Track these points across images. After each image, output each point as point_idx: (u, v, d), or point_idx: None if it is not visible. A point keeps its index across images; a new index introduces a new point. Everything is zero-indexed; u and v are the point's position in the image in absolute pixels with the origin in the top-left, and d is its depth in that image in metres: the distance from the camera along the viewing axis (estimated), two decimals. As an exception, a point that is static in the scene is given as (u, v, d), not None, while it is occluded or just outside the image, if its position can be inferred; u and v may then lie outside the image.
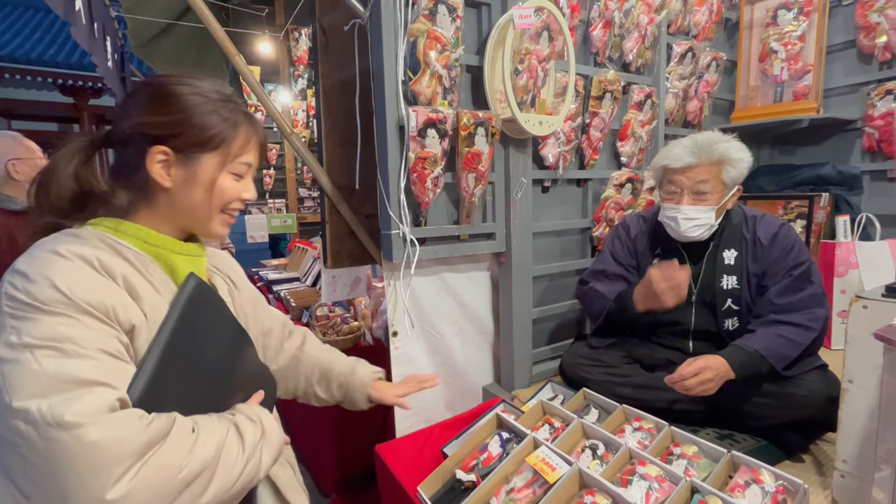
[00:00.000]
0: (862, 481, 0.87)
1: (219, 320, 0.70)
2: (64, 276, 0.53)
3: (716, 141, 1.19)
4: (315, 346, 1.02)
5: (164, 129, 0.63)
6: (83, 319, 0.52)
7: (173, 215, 0.67)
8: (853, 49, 1.93)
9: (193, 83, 0.66)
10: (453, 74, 1.27)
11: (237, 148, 0.68)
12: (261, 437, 0.63)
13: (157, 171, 0.63)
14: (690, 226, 1.22)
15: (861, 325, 0.84)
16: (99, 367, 0.51)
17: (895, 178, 1.87)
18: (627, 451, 0.97)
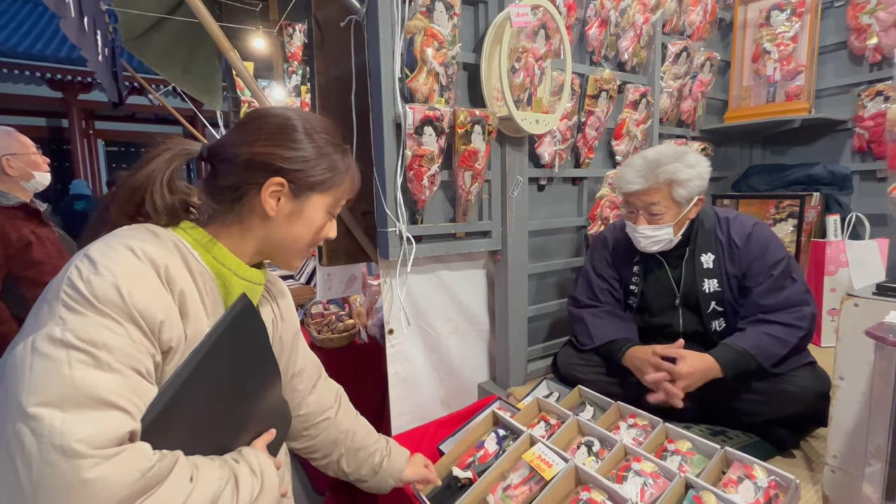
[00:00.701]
0: (852, 476, 0.89)
1: (256, 348, 0.69)
2: (128, 277, 0.53)
3: (664, 162, 1.18)
4: (350, 410, 0.96)
5: (291, 163, 0.65)
6: (129, 328, 0.51)
7: (261, 242, 0.68)
8: (844, 50, 1.96)
9: (317, 124, 0.69)
10: (450, 72, 1.27)
11: (342, 192, 0.72)
12: (258, 493, 0.61)
13: (267, 200, 0.65)
14: (648, 243, 1.25)
15: (852, 323, 0.86)
16: (124, 387, 0.50)
17: (884, 178, 1.89)
18: (622, 447, 0.98)
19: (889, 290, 0.85)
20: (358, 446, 0.92)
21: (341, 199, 0.72)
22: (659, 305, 1.32)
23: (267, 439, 0.70)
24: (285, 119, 0.67)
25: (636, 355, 1.23)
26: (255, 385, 0.68)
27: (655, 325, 1.32)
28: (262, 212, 0.65)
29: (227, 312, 0.63)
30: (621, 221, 1.43)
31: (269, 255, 0.71)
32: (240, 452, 0.64)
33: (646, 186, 1.20)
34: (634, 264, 1.36)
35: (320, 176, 0.67)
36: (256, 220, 0.66)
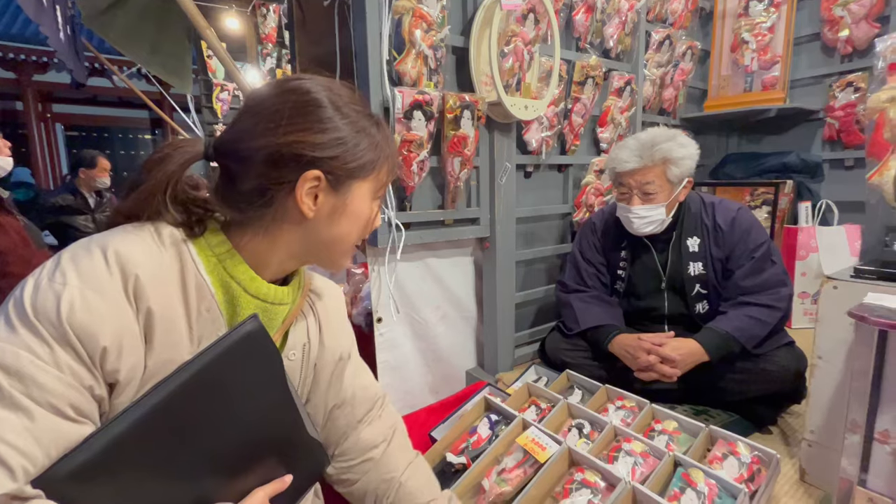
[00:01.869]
0: (828, 449, 0.94)
1: (261, 381, 0.56)
2: (79, 288, 0.44)
3: (659, 141, 1.22)
4: (402, 452, 0.76)
5: (325, 150, 0.53)
6: (58, 353, 0.43)
7: (297, 247, 0.57)
8: (818, 42, 2.01)
9: (343, 93, 0.56)
10: (439, 55, 1.25)
11: (386, 172, 0.60)
12: None
13: (305, 201, 0.53)
14: (642, 223, 1.27)
15: (831, 304, 0.89)
16: (20, 432, 0.40)
17: (852, 166, 1.97)
18: (612, 428, 1.00)
19: (866, 273, 0.88)
20: (401, 498, 0.71)
21: (386, 179, 0.60)
22: (645, 289, 1.35)
23: (275, 489, 0.58)
24: (305, 93, 0.54)
25: (623, 342, 1.26)
26: (258, 423, 0.56)
27: (641, 308, 1.35)
28: (298, 214, 0.54)
29: (226, 336, 0.51)
30: (609, 207, 1.45)
31: (310, 259, 0.60)
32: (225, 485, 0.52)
33: (641, 165, 1.22)
34: (622, 249, 1.38)
35: (361, 158, 0.55)
36: (290, 225, 0.55)
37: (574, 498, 0.84)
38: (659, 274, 1.33)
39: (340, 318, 0.71)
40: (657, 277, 1.33)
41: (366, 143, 0.56)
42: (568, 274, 1.47)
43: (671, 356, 1.15)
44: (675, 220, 1.30)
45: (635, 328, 1.34)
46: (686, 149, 1.22)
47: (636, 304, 1.37)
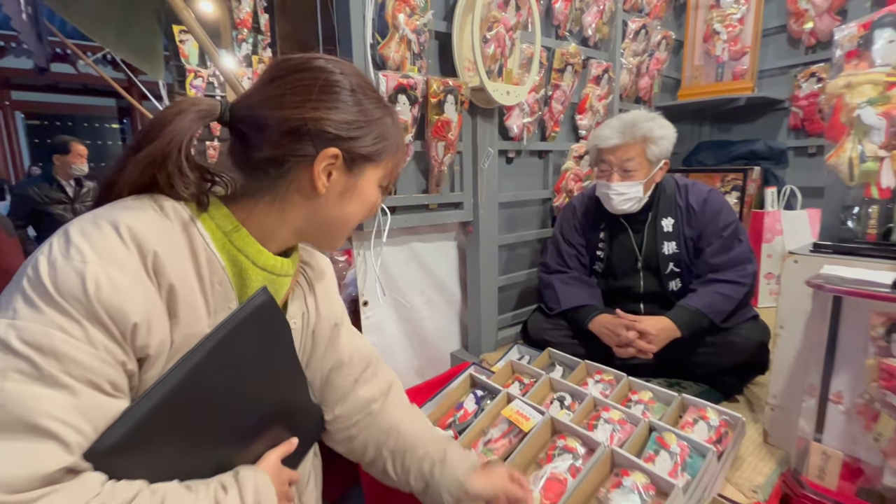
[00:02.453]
0: (788, 412, 1.01)
1: (274, 349, 0.59)
2: (101, 265, 0.43)
3: (640, 121, 1.28)
4: (399, 403, 0.78)
5: (346, 130, 0.54)
6: (90, 330, 0.43)
7: (303, 222, 0.58)
8: (784, 33, 2.10)
9: (361, 81, 0.57)
10: (422, 40, 1.26)
11: (395, 161, 0.62)
12: None
13: (320, 174, 0.54)
14: (620, 200, 1.32)
15: (792, 277, 0.96)
16: (67, 408, 0.41)
17: (815, 153, 2.08)
18: (592, 399, 1.06)
19: (823, 248, 0.95)
20: (403, 448, 0.73)
21: (395, 168, 0.63)
22: (622, 268, 1.41)
23: (284, 451, 0.61)
24: (329, 74, 0.54)
25: (603, 321, 1.32)
26: (270, 391, 0.59)
27: (619, 287, 1.42)
28: (310, 189, 0.55)
29: (239, 309, 0.53)
30: (589, 191, 1.50)
31: (311, 236, 0.62)
32: (236, 475, 0.54)
33: (622, 142, 1.27)
34: (601, 230, 1.44)
35: (375, 144, 0.57)
36: (300, 198, 0.56)
37: (557, 462, 0.89)
38: (635, 254, 1.39)
39: (332, 286, 0.73)
40: (633, 257, 1.39)
41: (381, 131, 0.58)
42: (549, 255, 1.51)
43: (648, 330, 1.21)
44: (650, 201, 1.36)
45: (613, 307, 1.40)
46: (665, 130, 1.29)
47: (613, 283, 1.43)
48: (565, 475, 0.86)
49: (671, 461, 0.88)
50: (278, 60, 0.57)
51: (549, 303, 1.45)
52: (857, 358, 0.82)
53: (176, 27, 3.79)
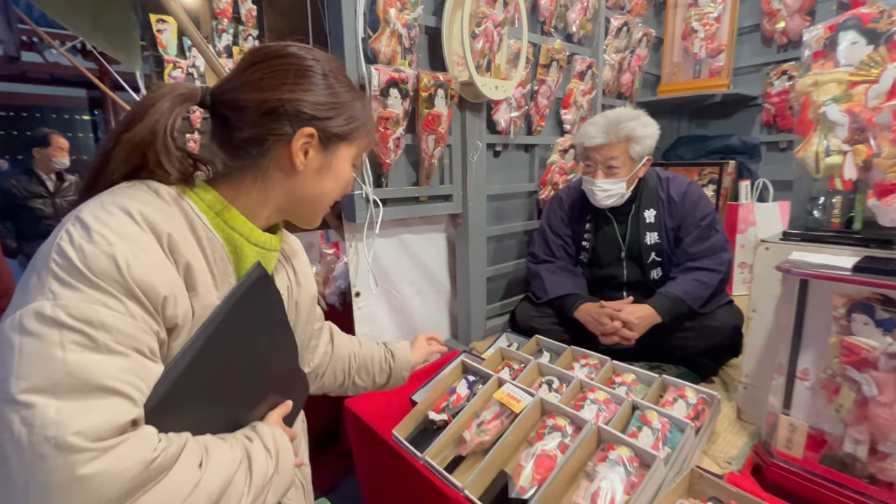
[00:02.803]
0: (760, 391, 1.08)
1: (270, 319, 0.64)
2: (127, 246, 0.47)
3: (624, 120, 1.33)
4: (342, 337, 0.98)
5: (320, 111, 0.59)
6: (129, 305, 0.46)
7: (284, 199, 0.63)
8: (758, 32, 2.18)
9: (334, 67, 0.62)
10: (413, 34, 1.28)
11: (366, 142, 0.68)
12: (272, 473, 0.57)
13: (297, 153, 0.59)
14: (604, 196, 1.38)
15: (764, 263, 1.03)
16: (125, 370, 0.45)
17: (786, 148, 2.17)
18: (579, 382, 1.11)
19: (792, 236, 1.02)
20: (363, 362, 0.97)
21: (365, 149, 0.69)
22: (607, 258, 1.47)
23: (283, 411, 0.67)
24: (303, 60, 0.59)
25: (588, 310, 1.38)
26: (270, 357, 0.65)
27: (603, 276, 1.48)
28: (289, 166, 0.60)
29: (240, 283, 0.58)
30: (575, 183, 1.55)
31: (291, 213, 0.66)
32: (254, 428, 0.60)
33: (607, 141, 1.33)
34: (587, 222, 1.50)
35: (348, 125, 0.63)
36: (280, 175, 0.61)
37: (546, 440, 0.93)
38: (619, 244, 1.45)
39: (303, 258, 0.80)
40: (618, 247, 1.45)
41: (352, 113, 0.63)
42: (537, 245, 1.56)
43: (630, 319, 1.27)
44: (634, 193, 1.42)
45: (597, 295, 1.46)
46: (648, 128, 1.34)
47: (598, 272, 1.49)
48: (555, 452, 0.91)
49: (653, 436, 0.93)
50: (254, 49, 0.61)
51: (536, 291, 1.50)
52: (821, 337, 0.88)
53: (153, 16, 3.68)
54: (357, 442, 1.29)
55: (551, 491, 0.84)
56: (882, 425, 0.78)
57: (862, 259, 0.82)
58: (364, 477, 1.31)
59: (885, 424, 0.78)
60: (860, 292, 0.81)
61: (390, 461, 1.09)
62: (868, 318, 0.79)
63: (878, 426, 0.79)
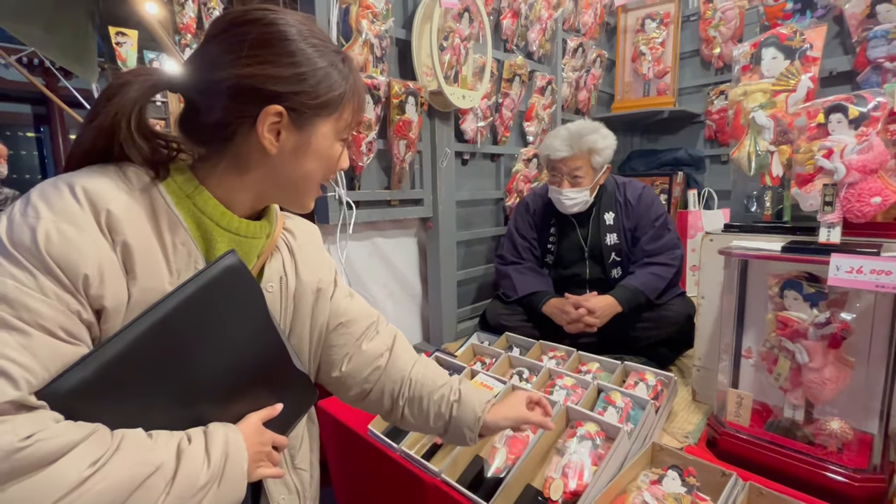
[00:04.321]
0: (711, 372, 1.17)
1: (245, 313, 0.58)
2: (52, 220, 0.45)
3: (585, 133, 1.43)
4: (406, 354, 0.78)
5: (287, 84, 0.52)
6: (41, 280, 0.44)
7: (263, 184, 0.58)
8: (697, 56, 2.40)
9: (310, 26, 0.55)
10: (384, 44, 1.34)
11: (352, 112, 0.59)
12: (207, 483, 0.49)
13: (267, 136, 0.53)
14: (571, 203, 1.48)
15: (709, 253, 1.13)
16: (16, 348, 0.42)
17: (727, 161, 2.37)
18: (547, 371, 1.17)
19: (732, 227, 1.13)
20: (419, 394, 0.74)
21: (352, 119, 0.60)
22: (571, 258, 1.56)
23: (266, 414, 0.60)
24: (269, 24, 0.52)
25: (555, 305, 1.45)
26: (246, 353, 0.58)
27: (567, 275, 1.57)
28: (262, 150, 0.54)
29: (208, 268, 0.53)
30: (539, 189, 1.64)
31: (277, 197, 0.61)
32: (205, 429, 0.53)
33: (571, 154, 1.42)
34: (551, 226, 1.59)
35: (325, 95, 0.55)
36: (255, 159, 0.55)
37: (519, 423, 0.97)
38: (581, 245, 1.54)
39: (316, 253, 0.73)
40: (580, 248, 1.55)
41: (331, 80, 0.55)
42: (505, 248, 1.64)
43: (593, 307, 1.35)
44: (595, 198, 1.53)
45: (562, 293, 1.53)
46: (607, 140, 1.46)
47: (563, 272, 1.57)
48: (527, 433, 0.95)
49: (617, 415, 1.00)
50: (216, 18, 0.56)
51: (506, 291, 1.56)
52: (760, 316, 0.98)
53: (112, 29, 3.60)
54: (333, 443, 1.28)
55: (525, 468, 0.88)
56: (814, 389, 0.88)
57: (789, 242, 0.93)
58: (340, 480, 1.30)
59: (816, 388, 0.87)
60: (790, 271, 0.91)
61: (367, 457, 1.10)
62: (797, 294, 0.90)
63: (810, 390, 0.89)
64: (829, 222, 0.84)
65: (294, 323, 0.69)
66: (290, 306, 0.68)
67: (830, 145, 0.84)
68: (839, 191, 0.84)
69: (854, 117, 0.83)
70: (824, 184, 0.84)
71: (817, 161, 0.85)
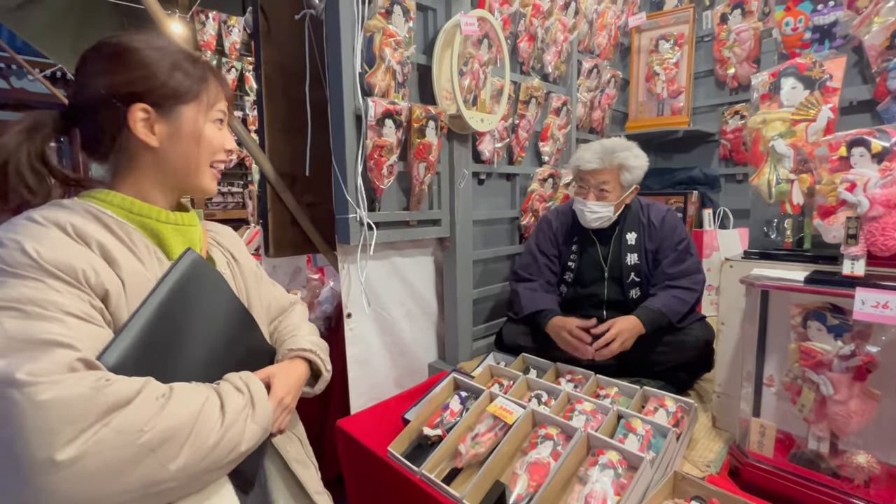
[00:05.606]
0: (732, 399, 1.16)
1: (217, 298, 0.69)
2: (33, 240, 0.52)
3: (618, 150, 1.46)
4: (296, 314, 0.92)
5: (139, 84, 0.61)
6: (50, 282, 0.51)
7: (162, 176, 0.66)
8: (712, 77, 2.42)
9: (149, 38, 0.65)
10: (405, 70, 1.38)
11: (213, 96, 0.68)
12: (245, 405, 0.60)
13: (141, 131, 0.62)
14: (593, 217, 1.50)
15: (729, 279, 1.13)
16: (62, 329, 0.49)
17: (742, 180, 2.37)
18: (566, 395, 1.17)
19: (752, 255, 1.13)
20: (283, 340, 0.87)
21: (215, 103, 0.69)
22: (590, 277, 1.57)
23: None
24: (116, 44, 0.63)
25: (557, 325, 1.45)
26: (228, 333, 0.69)
27: (585, 294, 1.58)
28: (145, 146, 0.63)
29: (174, 264, 0.63)
30: (563, 207, 1.68)
31: (179, 187, 0.69)
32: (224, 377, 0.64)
33: (601, 167, 1.45)
34: (573, 243, 1.61)
35: (178, 85, 0.64)
36: (145, 157, 0.64)
37: (539, 449, 0.98)
38: (602, 265, 1.56)
39: (234, 237, 0.84)
40: (600, 268, 1.57)
41: (179, 73, 0.64)
42: (521, 263, 1.67)
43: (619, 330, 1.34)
44: (618, 217, 1.55)
45: (579, 312, 1.55)
46: (638, 160, 1.48)
47: (581, 291, 1.59)
48: (548, 459, 0.95)
49: (638, 442, 0.99)
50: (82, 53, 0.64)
51: (514, 307, 1.59)
52: (782, 346, 0.98)
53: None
54: (350, 463, 1.29)
55: (546, 496, 0.88)
56: (839, 422, 0.87)
57: (812, 272, 0.93)
58: (356, 499, 1.31)
59: (841, 421, 0.87)
60: (813, 302, 0.91)
61: (386, 478, 1.10)
62: (821, 325, 0.89)
63: (835, 423, 0.88)
64: (853, 255, 0.85)
65: (249, 298, 0.78)
66: (243, 285, 0.78)
67: (853, 178, 0.85)
68: (863, 224, 0.84)
69: (877, 152, 0.83)
70: (847, 216, 0.85)
71: (840, 194, 0.86)
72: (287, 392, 0.72)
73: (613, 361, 1.43)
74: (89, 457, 0.46)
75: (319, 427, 1.73)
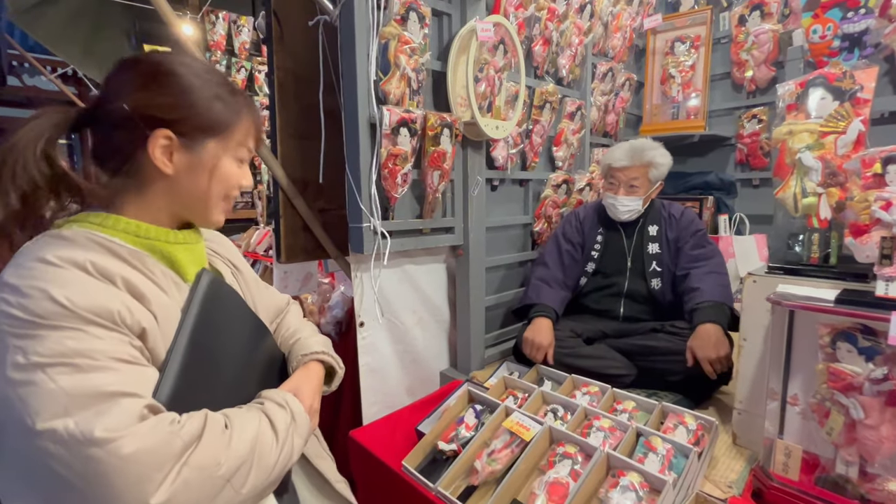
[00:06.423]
0: (753, 416, 1.14)
1: (236, 313, 0.70)
2: (58, 285, 0.49)
3: (647, 148, 1.59)
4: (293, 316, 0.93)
5: (169, 111, 0.59)
6: (89, 330, 0.49)
7: (170, 204, 0.64)
8: (728, 79, 2.37)
9: (197, 65, 0.63)
10: (420, 77, 1.36)
11: (241, 134, 0.66)
12: (290, 421, 0.64)
13: (159, 157, 0.59)
14: (623, 210, 1.62)
15: (753, 295, 1.10)
16: (118, 377, 0.49)
17: (758, 185, 2.33)
18: (583, 410, 1.15)
19: (776, 269, 1.10)
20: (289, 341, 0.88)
21: (244, 140, 0.67)
22: (613, 267, 1.66)
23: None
24: (157, 64, 0.61)
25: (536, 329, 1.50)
26: (250, 346, 0.71)
27: (605, 284, 1.67)
28: (159, 173, 0.60)
29: (194, 289, 0.63)
30: (592, 204, 1.79)
31: (186, 215, 0.67)
32: (260, 395, 0.67)
33: (631, 164, 1.59)
34: (598, 234, 1.70)
35: (209, 119, 0.62)
36: (157, 182, 0.62)
37: (558, 468, 0.96)
38: (625, 255, 1.65)
39: (235, 248, 0.84)
40: (624, 258, 1.65)
41: (214, 106, 0.62)
42: (545, 248, 1.76)
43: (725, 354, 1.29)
44: (643, 212, 1.65)
45: (597, 303, 1.66)
46: (665, 158, 1.61)
47: (602, 281, 1.67)
48: (567, 479, 0.93)
49: (659, 462, 0.97)
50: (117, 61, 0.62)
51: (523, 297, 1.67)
52: (808, 364, 0.95)
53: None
54: (363, 474, 1.28)
55: (566, 518, 0.86)
56: (870, 447, 0.84)
57: (842, 291, 0.90)
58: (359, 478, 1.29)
59: (872, 446, 0.84)
60: (843, 322, 0.88)
61: (400, 492, 1.09)
62: (851, 346, 0.87)
63: (866, 448, 0.85)
64: (888, 276, 0.82)
65: (256, 306, 0.78)
66: (249, 295, 0.78)
67: (889, 196, 0.82)
68: (898, 243, 0.81)
69: (914, 169, 0.80)
70: (882, 236, 0.82)
71: (874, 212, 0.83)
72: (314, 398, 0.75)
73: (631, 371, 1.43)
74: (179, 495, 0.48)
75: (329, 435, 1.72)
